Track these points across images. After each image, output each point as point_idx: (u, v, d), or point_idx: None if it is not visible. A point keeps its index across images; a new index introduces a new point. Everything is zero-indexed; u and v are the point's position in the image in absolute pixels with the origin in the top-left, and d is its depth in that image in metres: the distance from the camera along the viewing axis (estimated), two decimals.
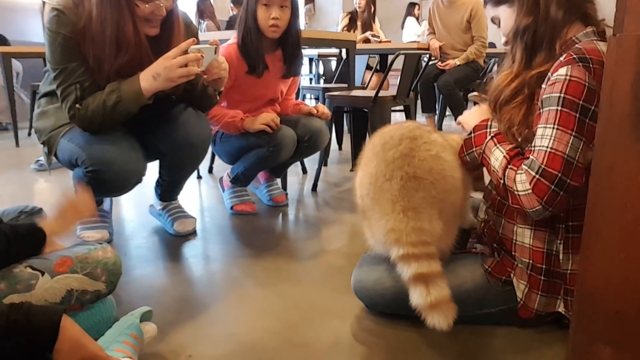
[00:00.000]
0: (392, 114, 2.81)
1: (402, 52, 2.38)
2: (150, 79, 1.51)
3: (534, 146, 1.05)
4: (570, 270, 1.12)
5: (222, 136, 2.14)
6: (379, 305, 1.30)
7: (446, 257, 1.22)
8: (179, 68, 1.49)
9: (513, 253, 1.19)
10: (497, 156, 1.13)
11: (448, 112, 4.62)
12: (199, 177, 2.87)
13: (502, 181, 1.09)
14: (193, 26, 1.82)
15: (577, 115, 1.00)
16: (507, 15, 1.20)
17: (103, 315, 1.21)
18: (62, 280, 1.11)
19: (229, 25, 5.46)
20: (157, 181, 2.00)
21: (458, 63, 4.06)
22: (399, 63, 2.43)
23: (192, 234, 1.97)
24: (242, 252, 1.80)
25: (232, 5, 6.21)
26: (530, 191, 1.02)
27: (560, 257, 1.13)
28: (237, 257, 1.76)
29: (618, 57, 0.76)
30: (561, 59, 1.05)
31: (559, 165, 0.99)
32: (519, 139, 1.12)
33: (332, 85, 3.52)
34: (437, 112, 4.37)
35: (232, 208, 2.21)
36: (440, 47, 4.13)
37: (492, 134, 1.18)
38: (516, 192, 1.05)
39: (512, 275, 1.19)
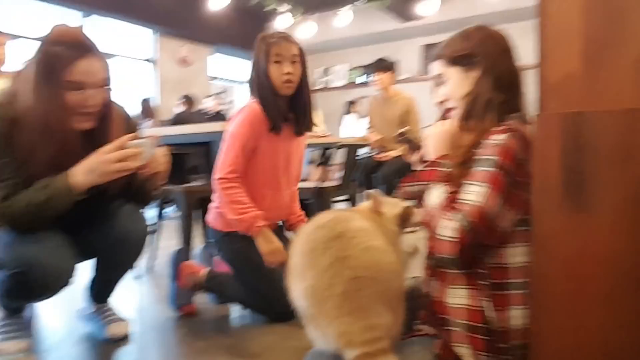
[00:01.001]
0: (337, 204, 2.83)
1: (344, 143, 2.45)
2: (84, 173, 1.45)
3: (464, 199, 1.09)
4: (494, 327, 1.10)
5: (244, 247, 1.91)
6: None
7: (396, 341, 1.18)
8: (115, 163, 1.44)
9: (450, 318, 1.15)
10: (439, 193, 1.16)
11: None
12: (137, 277, 2.70)
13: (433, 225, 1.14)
14: (132, 121, 1.80)
15: (505, 180, 1.05)
16: (459, 77, 1.23)
17: None
18: None
19: (176, 122, 5.52)
20: (91, 281, 1.86)
21: (396, 155, 4.23)
22: (341, 157, 2.48)
23: (126, 338, 1.81)
24: (182, 355, 1.66)
25: (181, 101, 6.33)
26: (449, 239, 1.07)
27: (488, 314, 1.11)
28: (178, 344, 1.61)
29: (545, 133, 0.80)
30: (498, 128, 1.12)
31: (481, 221, 1.05)
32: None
33: None
34: None
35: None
36: (378, 140, 4.31)
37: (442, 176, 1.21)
38: (437, 235, 1.10)
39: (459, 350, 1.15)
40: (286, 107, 1.97)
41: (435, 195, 1.18)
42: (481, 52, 1.20)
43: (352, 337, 1.08)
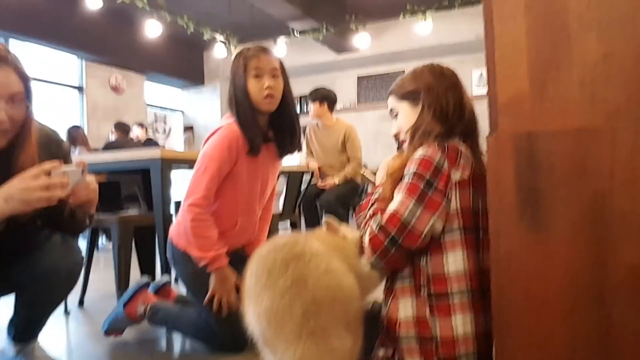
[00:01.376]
0: (280, 231, 2.79)
1: (285, 171, 2.44)
2: (2, 200, 1.29)
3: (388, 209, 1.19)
4: (438, 337, 1.13)
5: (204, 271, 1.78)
6: None
7: None
8: (39, 191, 1.29)
9: (402, 334, 1.18)
10: (369, 212, 1.27)
11: None
12: (67, 312, 2.50)
13: (364, 231, 1.24)
14: (64, 145, 1.68)
15: (422, 187, 1.16)
16: (407, 111, 1.33)
17: None
18: None
19: (107, 149, 5.29)
20: (12, 319, 1.68)
21: (337, 182, 4.26)
22: (280, 185, 2.46)
23: None
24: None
25: (113, 129, 6.08)
26: (368, 243, 1.19)
27: (429, 323, 1.15)
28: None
29: (498, 153, 0.82)
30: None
31: (394, 225, 1.15)
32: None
33: None
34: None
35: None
36: (319, 168, 4.34)
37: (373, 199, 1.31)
38: (364, 243, 1.21)
39: None
40: (267, 125, 1.88)
41: (366, 213, 1.29)
42: (424, 88, 1.31)
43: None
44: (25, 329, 1.69)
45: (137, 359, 1.89)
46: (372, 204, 1.29)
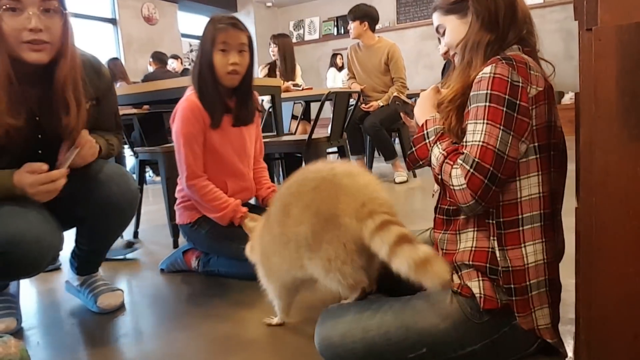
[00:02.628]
0: (328, 156, 2.73)
1: (333, 91, 2.33)
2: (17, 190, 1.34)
3: (467, 141, 1.05)
4: (506, 268, 1.06)
5: (213, 228, 1.89)
6: None
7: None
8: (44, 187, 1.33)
9: (461, 263, 1.11)
10: (436, 154, 1.13)
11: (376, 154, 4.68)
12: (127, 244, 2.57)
13: (439, 177, 1.10)
14: (105, 74, 1.63)
15: (505, 110, 1.01)
16: (455, 25, 1.19)
17: None
18: None
19: (146, 81, 5.26)
20: (73, 252, 1.73)
21: (381, 104, 4.11)
22: (326, 112, 2.36)
23: (120, 309, 1.71)
24: (180, 323, 1.56)
25: (151, 60, 6.03)
26: (465, 186, 1.02)
27: (497, 254, 1.07)
28: (175, 330, 1.52)
29: (597, 52, 0.69)
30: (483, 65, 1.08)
31: (490, 159, 1.01)
32: (457, 138, 1.12)
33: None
34: (366, 153, 4.37)
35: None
36: (362, 90, 4.19)
37: (432, 140, 1.17)
38: (452, 187, 1.05)
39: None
40: (228, 97, 1.89)
41: (434, 158, 1.14)
42: None
43: (374, 207, 1.12)
44: (86, 262, 1.73)
45: (196, 289, 1.93)
46: (436, 141, 1.16)
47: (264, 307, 1.62)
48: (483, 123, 1.02)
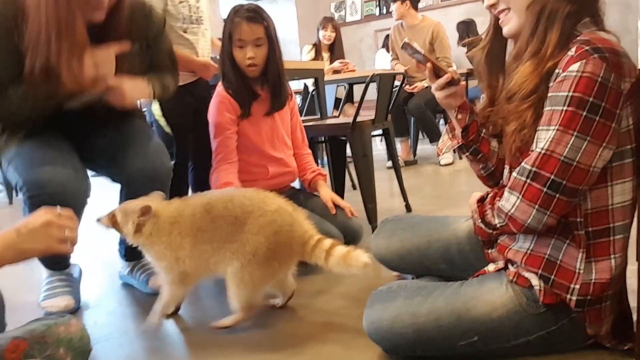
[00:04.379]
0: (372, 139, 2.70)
1: (377, 73, 2.28)
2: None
3: (534, 148, 0.97)
4: (588, 281, 0.98)
5: None
6: (399, 348, 1.11)
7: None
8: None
9: (525, 265, 1.06)
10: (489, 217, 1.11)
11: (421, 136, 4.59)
12: None
13: (500, 224, 1.06)
14: (155, 14, 1.71)
15: (584, 114, 0.91)
16: None
17: None
18: None
19: None
20: (121, 239, 1.79)
21: (426, 85, 4.02)
22: (369, 94, 2.32)
23: None
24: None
25: None
26: (519, 199, 0.98)
27: (581, 267, 0.99)
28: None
29: None
30: (571, 53, 0.94)
31: (552, 167, 0.94)
32: (528, 141, 1.01)
33: (303, 117, 3.40)
34: (410, 135, 4.29)
35: None
36: (406, 71, 4.10)
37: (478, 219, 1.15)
38: (509, 214, 1.01)
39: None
40: (256, 86, 1.93)
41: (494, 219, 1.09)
42: None
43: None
44: (133, 246, 1.79)
45: None
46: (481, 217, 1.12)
47: (310, 290, 1.62)
48: (554, 130, 0.94)
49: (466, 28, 5.47)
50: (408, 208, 2.55)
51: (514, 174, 1.00)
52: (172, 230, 1.34)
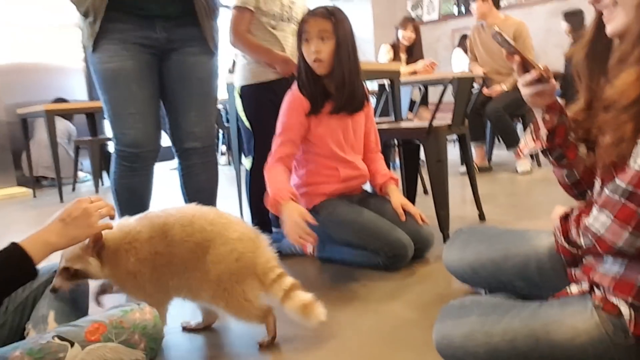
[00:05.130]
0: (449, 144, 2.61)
1: (456, 77, 2.21)
2: None
3: (627, 165, 0.88)
4: None
5: (330, 214, 1.90)
6: None
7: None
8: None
9: (613, 290, 0.97)
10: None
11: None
12: None
13: (586, 244, 0.98)
14: None
15: None
16: None
17: None
18: (94, 351, 0.95)
19: None
20: None
21: (505, 89, 3.85)
22: (445, 96, 2.25)
23: None
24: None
25: None
26: (612, 219, 0.89)
27: None
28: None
29: None
30: None
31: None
32: (625, 156, 0.91)
33: (377, 119, 3.36)
34: (486, 140, 4.12)
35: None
36: (485, 74, 3.95)
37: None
38: (599, 235, 0.92)
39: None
40: (327, 85, 1.89)
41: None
42: None
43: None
44: None
45: (305, 273, 1.95)
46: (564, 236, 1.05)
47: (379, 297, 1.60)
48: None
49: (573, 20, 5.03)
50: (482, 217, 2.45)
51: (606, 190, 0.92)
52: (128, 256, 1.25)
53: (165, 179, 1.66)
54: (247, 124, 2.15)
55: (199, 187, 1.88)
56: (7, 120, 4.94)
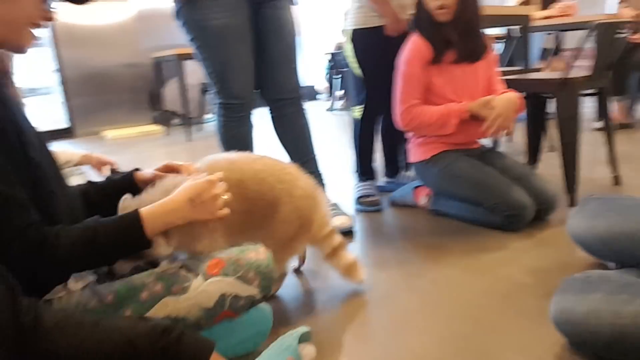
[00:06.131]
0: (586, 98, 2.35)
1: (599, 23, 1.94)
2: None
3: None
4: None
5: (447, 167, 1.87)
6: (588, 345, 0.99)
7: None
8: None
9: None
10: None
11: None
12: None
13: None
14: None
15: None
16: None
17: (258, 328, 1.13)
18: (215, 283, 1.02)
19: None
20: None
21: None
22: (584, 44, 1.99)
23: (349, 233, 1.82)
24: (405, 258, 1.59)
25: None
26: None
27: None
28: (399, 264, 1.55)
29: None
30: None
31: None
32: None
33: (504, 68, 3.11)
34: (631, 95, 3.65)
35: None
36: (636, 16, 3.44)
37: None
38: None
39: None
40: (448, 32, 1.82)
41: None
42: None
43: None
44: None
45: (416, 226, 1.92)
46: None
47: (493, 258, 1.54)
48: None
49: None
50: (617, 180, 2.21)
51: None
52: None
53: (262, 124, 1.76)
54: (357, 71, 2.09)
55: (295, 135, 1.92)
56: (143, 63, 5.37)
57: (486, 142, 2.03)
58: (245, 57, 1.75)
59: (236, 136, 1.84)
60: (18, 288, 0.69)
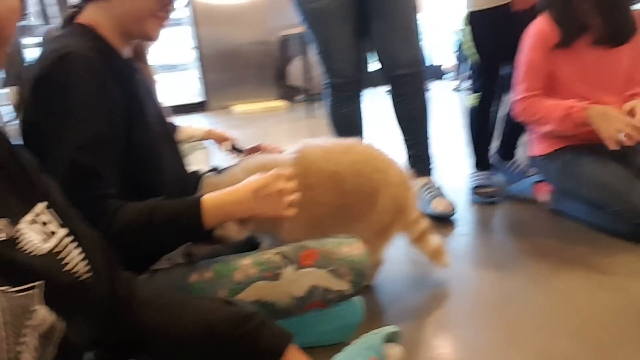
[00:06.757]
0: None
1: None
2: None
3: None
4: None
5: (568, 164, 1.70)
6: None
7: None
8: None
9: None
10: None
11: None
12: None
13: None
14: None
15: None
16: None
17: (348, 320, 1.13)
18: (306, 274, 1.03)
19: None
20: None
21: None
22: None
23: (450, 217, 1.74)
24: (520, 260, 1.48)
25: None
26: None
27: None
28: (513, 265, 1.44)
29: None
30: None
31: None
32: None
33: None
34: None
35: None
36: None
37: None
38: None
39: None
40: (587, 16, 1.58)
41: None
42: None
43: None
44: (415, 164, 1.86)
45: (530, 223, 1.77)
46: None
47: (618, 271, 1.36)
48: None
49: None
50: None
51: None
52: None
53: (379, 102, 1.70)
54: (474, 57, 1.92)
55: (411, 115, 1.86)
56: (271, 41, 5.56)
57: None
58: (347, 37, 1.78)
59: (345, 116, 1.87)
60: (116, 261, 0.74)
